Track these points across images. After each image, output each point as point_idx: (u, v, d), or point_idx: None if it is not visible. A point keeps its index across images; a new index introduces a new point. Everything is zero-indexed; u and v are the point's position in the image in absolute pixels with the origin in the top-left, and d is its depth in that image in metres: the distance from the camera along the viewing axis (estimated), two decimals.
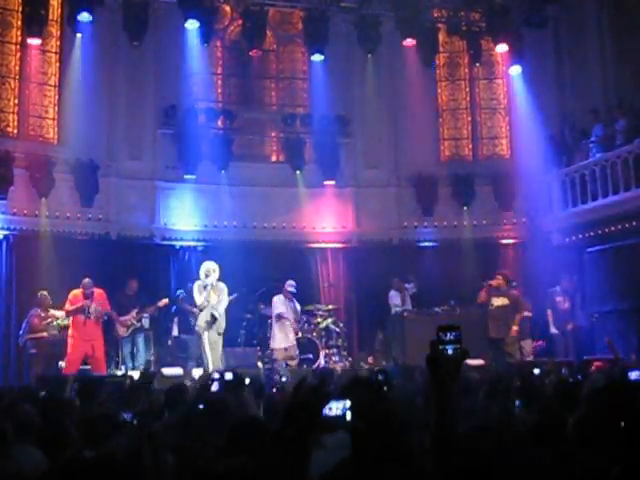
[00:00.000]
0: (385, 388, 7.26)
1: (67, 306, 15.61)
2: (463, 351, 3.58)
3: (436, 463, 3.52)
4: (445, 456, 3.48)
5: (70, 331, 15.62)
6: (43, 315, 16.00)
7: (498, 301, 16.84)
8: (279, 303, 16.79)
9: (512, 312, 16.70)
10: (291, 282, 16.94)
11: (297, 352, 16.83)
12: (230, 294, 16.38)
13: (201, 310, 15.78)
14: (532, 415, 5.91)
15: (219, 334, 15.78)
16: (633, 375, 7.53)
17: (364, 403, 4.59)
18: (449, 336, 3.58)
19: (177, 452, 5.12)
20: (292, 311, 16.95)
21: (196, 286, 15.90)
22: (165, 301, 17.00)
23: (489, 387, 7.58)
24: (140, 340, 16.75)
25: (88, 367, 15.44)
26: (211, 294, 15.70)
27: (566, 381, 9.33)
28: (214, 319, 15.64)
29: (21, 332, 16.11)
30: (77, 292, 15.79)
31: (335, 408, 4.21)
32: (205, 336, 15.60)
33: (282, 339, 16.65)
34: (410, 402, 6.20)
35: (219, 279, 15.95)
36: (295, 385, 6.20)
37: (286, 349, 16.61)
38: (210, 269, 15.84)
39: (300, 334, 17.21)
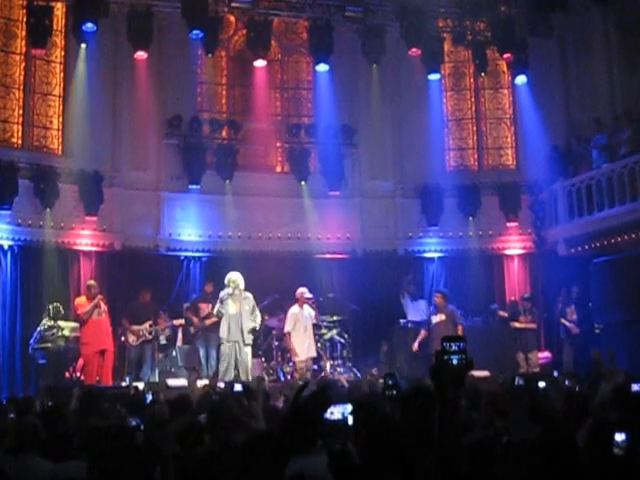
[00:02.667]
0: (394, 392, 7.21)
1: (80, 310, 15.78)
2: (468, 362, 3.53)
3: (437, 473, 3.47)
4: (447, 466, 3.42)
5: (83, 340, 15.75)
6: (49, 326, 16.05)
7: (436, 318, 17.22)
8: (290, 318, 16.71)
9: (451, 326, 16.86)
10: (303, 289, 16.94)
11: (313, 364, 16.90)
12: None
13: (219, 319, 15.77)
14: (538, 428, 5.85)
15: (246, 344, 15.70)
16: (635, 387, 7.49)
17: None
18: (454, 347, 3.53)
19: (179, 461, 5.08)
20: (310, 319, 16.96)
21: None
22: (181, 321, 17.03)
23: (492, 399, 7.54)
24: (148, 351, 16.72)
25: (97, 378, 15.56)
26: (230, 304, 15.60)
27: (572, 393, 9.25)
28: (254, 330, 15.78)
29: (31, 341, 16.17)
30: (82, 298, 15.99)
31: (336, 412, 4.16)
32: (225, 346, 15.54)
33: (304, 350, 16.62)
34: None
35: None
36: (294, 392, 6.13)
37: (306, 360, 16.60)
38: (230, 280, 15.81)
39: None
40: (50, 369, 15.88)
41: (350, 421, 4.19)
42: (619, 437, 4.81)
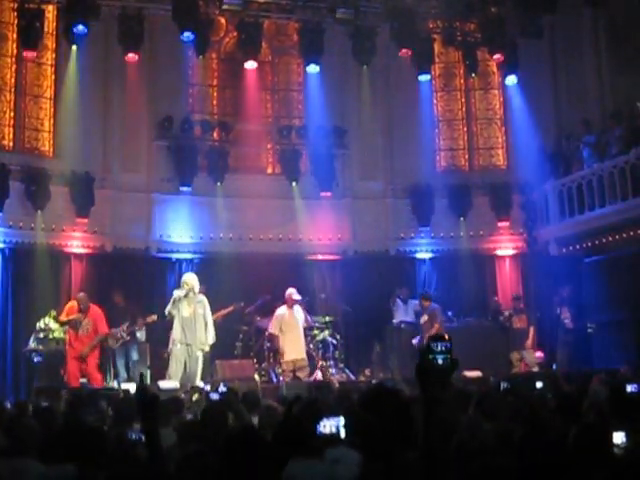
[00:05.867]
0: None
1: (62, 317, 15.77)
2: (453, 361, 3.53)
3: (424, 470, 3.47)
4: (432, 465, 3.43)
5: (67, 340, 15.77)
6: (38, 328, 16.07)
7: (422, 319, 17.56)
8: (275, 320, 16.63)
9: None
10: (292, 290, 16.85)
11: (307, 363, 16.74)
12: (224, 306, 16.37)
13: (170, 319, 15.58)
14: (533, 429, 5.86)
15: (202, 350, 15.44)
16: (630, 388, 7.52)
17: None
18: (439, 346, 3.53)
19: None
20: (300, 321, 16.89)
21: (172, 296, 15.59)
22: (153, 318, 16.82)
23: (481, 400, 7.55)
24: (134, 352, 16.70)
25: (85, 380, 15.54)
26: (184, 306, 15.28)
27: (565, 393, 9.26)
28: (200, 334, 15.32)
29: (30, 341, 16.20)
30: (73, 304, 15.94)
31: (329, 426, 4.16)
32: (177, 349, 15.30)
33: (290, 351, 16.55)
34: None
35: (200, 292, 15.71)
36: (288, 402, 6.13)
37: (294, 361, 16.51)
38: (183, 282, 15.53)
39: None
40: (43, 370, 15.88)
41: (342, 434, 4.19)
42: (618, 437, 4.81)
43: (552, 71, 20.50)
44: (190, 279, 15.57)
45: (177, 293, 15.37)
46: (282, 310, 16.68)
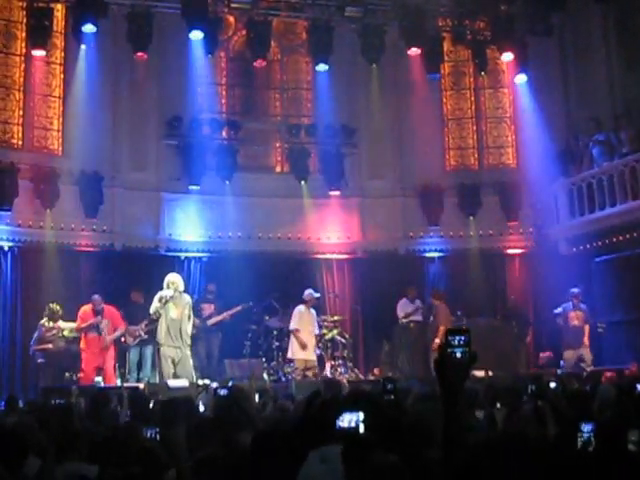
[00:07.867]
0: (392, 397, 7.11)
1: (78, 323, 15.79)
2: (472, 355, 3.48)
3: (445, 467, 3.43)
4: (453, 460, 3.39)
5: (82, 345, 15.77)
6: (49, 326, 16.01)
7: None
8: (296, 316, 16.66)
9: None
10: (310, 290, 16.88)
11: (316, 363, 16.75)
12: (229, 306, 16.61)
13: (155, 320, 15.56)
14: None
15: (186, 347, 15.44)
16: None
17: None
18: (458, 340, 3.49)
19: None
20: (313, 321, 16.96)
21: (157, 295, 15.49)
22: None
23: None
24: (148, 351, 16.68)
25: (100, 378, 15.53)
26: (171, 307, 15.27)
27: (576, 393, 9.21)
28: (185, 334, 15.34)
29: (32, 342, 16.15)
30: (86, 308, 15.98)
31: (348, 420, 4.13)
32: (162, 350, 15.27)
33: (300, 350, 16.55)
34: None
35: (185, 291, 15.71)
36: (308, 397, 6.10)
37: (307, 361, 16.52)
38: (170, 281, 15.45)
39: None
40: (50, 369, 15.85)
41: (362, 429, 4.17)
42: (634, 435, 4.81)
43: (562, 69, 20.43)
44: (176, 279, 15.59)
45: (164, 293, 15.34)
46: (302, 308, 16.80)
